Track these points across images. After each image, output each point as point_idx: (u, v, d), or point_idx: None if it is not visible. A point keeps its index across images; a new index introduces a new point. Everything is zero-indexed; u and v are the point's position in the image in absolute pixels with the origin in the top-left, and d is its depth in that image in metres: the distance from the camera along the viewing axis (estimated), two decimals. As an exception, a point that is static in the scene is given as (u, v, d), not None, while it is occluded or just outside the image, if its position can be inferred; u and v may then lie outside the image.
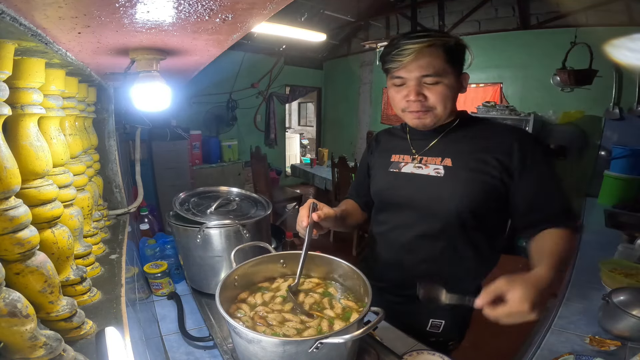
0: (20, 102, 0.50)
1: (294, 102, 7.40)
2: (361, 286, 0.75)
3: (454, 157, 0.91)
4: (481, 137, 0.92)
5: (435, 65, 0.84)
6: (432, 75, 0.85)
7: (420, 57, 0.84)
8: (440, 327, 0.99)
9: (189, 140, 4.35)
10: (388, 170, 1.00)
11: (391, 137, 1.08)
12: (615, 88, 3.01)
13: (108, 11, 0.41)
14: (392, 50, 0.87)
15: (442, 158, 0.93)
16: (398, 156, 1.01)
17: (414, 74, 0.85)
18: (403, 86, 0.89)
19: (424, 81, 0.86)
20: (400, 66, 0.86)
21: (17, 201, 0.43)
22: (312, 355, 0.57)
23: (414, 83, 0.86)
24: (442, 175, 0.91)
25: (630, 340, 0.96)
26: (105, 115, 1.21)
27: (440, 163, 0.92)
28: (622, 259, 1.47)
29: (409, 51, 0.83)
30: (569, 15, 3.14)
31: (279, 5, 0.46)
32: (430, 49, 0.83)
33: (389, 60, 0.88)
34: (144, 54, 0.69)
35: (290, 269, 0.88)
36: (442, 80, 0.86)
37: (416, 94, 0.86)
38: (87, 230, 0.82)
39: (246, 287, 0.82)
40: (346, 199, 1.18)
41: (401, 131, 1.06)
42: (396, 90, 0.91)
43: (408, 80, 0.87)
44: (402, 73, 0.87)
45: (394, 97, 0.93)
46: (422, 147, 0.97)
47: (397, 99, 0.92)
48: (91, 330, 0.54)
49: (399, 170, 0.98)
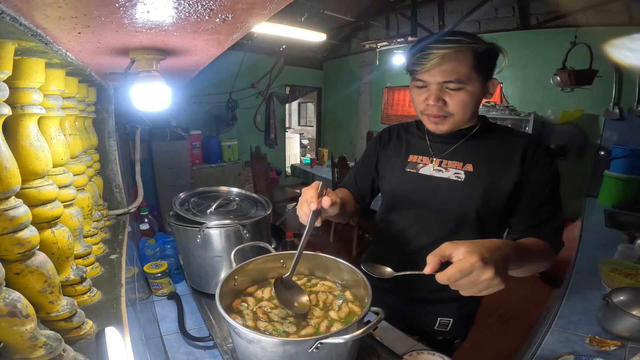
0: (20, 102, 0.50)
1: (294, 102, 7.40)
2: (361, 286, 0.75)
3: (475, 163, 0.91)
4: (501, 145, 0.91)
5: (460, 72, 0.81)
6: (454, 82, 0.82)
7: (445, 62, 0.81)
8: (448, 325, 0.99)
9: (189, 140, 4.35)
10: (405, 170, 0.99)
11: (406, 134, 1.05)
12: (615, 88, 3.01)
13: (108, 11, 0.41)
14: (416, 53, 0.84)
15: (464, 163, 0.92)
16: (416, 157, 0.99)
17: (436, 79, 0.83)
18: (424, 89, 0.87)
19: (446, 86, 0.84)
20: (423, 70, 0.83)
21: (17, 201, 0.43)
22: (312, 355, 0.57)
23: (435, 88, 0.84)
24: (462, 180, 0.90)
25: (630, 340, 0.96)
26: (105, 115, 1.21)
27: (462, 168, 0.92)
28: (622, 259, 1.47)
29: (433, 56, 0.80)
30: (569, 15, 3.14)
31: (279, 5, 0.46)
32: (456, 54, 0.80)
33: (413, 63, 0.85)
34: (144, 54, 0.69)
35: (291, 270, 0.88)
36: (465, 86, 0.83)
37: (436, 99, 0.84)
38: (87, 230, 0.82)
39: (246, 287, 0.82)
40: (340, 187, 1.14)
41: (418, 130, 1.04)
42: (417, 92, 0.90)
43: (429, 84, 0.85)
44: (424, 77, 0.85)
45: (414, 98, 0.92)
46: (441, 151, 0.96)
47: (418, 101, 0.90)
48: (91, 330, 0.54)
49: (416, 171, 0.97)
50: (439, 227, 0.93)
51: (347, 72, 5.85)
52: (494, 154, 0.90)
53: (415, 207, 0.97)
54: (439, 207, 0.93)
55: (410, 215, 0.98)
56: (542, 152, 0.88)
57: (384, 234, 1.05)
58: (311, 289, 0.82)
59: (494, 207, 0.89)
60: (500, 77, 3.65)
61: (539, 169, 0.87)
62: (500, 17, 3.82)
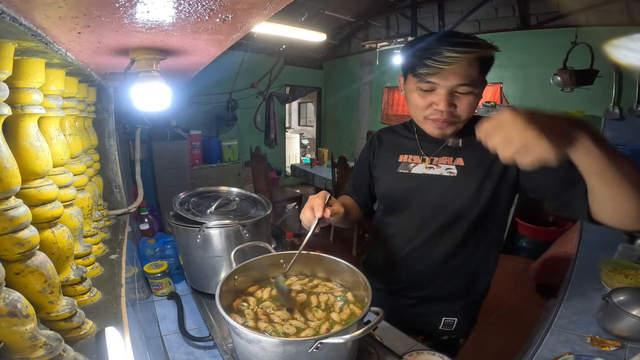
0: (20, 102, 0.50)
1: (294, 102, 7.40)
2: (362, 287, 0.75)
3: (466, 157, 0.90)
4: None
5: (472, 75, 0.78)
6: (467, 85, 0.79)
7: (459, 65, 0.76)
8: (453, 324, 1.00)
9: (189, 140, 4.35)
10: (397, 171, 0.98)
11: (396, 136, 1.05)
12: (615, 88, 3.01)
13: (108, 11, 0.41)
14: (428, 54, 0.77)
15: (454, 158, 0.91)
16: (407, 156, 0.98)
17: (450, 82, 0.78)
18: (431, 92, 0.82)
19: (457, 90, 0.80)
20: (433, 72, 0.78)
21: (17, 201, 0.43)
22: (312, 355, 0.57)
23: (446, 92, 0.79)
24: (455, 174, 0.90)
25: (630, 340, 0.96)
26: (105, 115, 1.21)
27: (453, 163, 0.91)
28: (622, 259, 1.47)
29: (451, 60, 0.75)
30: (569, 15, 3.14)
31: (279, 5, 0.46)
32: (468, 57, 0.76)
33: (422, 64, 0.78)
34: (144, 54, 0.69)
35: (291, 269, 0.88)
36: (474, 90, 0.80)
37: (448, 104, 0.80)
38: (87, 230, 0.82)
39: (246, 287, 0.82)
40: (343, 194, 1.15)
41: (406, 130, 1.03)
42: (421, 95, 0.83)
43: (439, 88, 0.80)
44: (435, 79, 0.79)
45: (416, 102, 0.85)
46: (432, 149, 0.95)
47: (421, 106, 0.84)
48: (91, 330, 0.54)
49: (408, 171, 0.96)
50: (436, 224, 0.93)
51: (347, 72, 5.85)
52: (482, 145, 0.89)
53: (410, 206, 0.97)
54: (434, 204, 0.93)
55: (407, 215, 0.98)
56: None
57: (382, 235, 1.05)
58: (312, 290, 0.82)
59: (490, 197, 0.88)
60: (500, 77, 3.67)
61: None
62: (500, 17, 3.82)
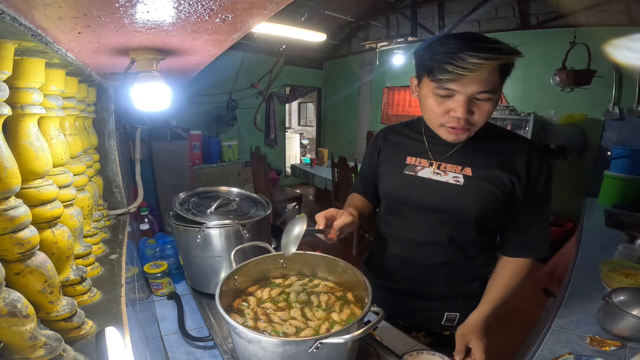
0: (20, 102, 0.50)
1: (294, 102, 7.40)
2: (362, 287, 0.75)
3: (474, 167, 0.90)
4: (501, 149, 0.90)
5: (493, 81, 0.76)
6: (487, 92, 0.76)
7: (481, 72, 0.73)
8: (455, 320, 1.00)
9: (189, 140, 4.35)
10: (403, 172, 0.97)
11: (404, 137, 1.03)
12: (615, 88, 3.01)
13: (108, 11, 0.41)
14: (448, 58, 0.73)
15: (463, 167, 0.91)
16: (414, 159, 0.97)
17: (470, 89, 0.76)
18: (449, 98, 0.79)
19: (476, 97, 0.77)
20: (453, 79, 0.75)
21: (17, 201, 0.43)
22: (312, 355, 0.57)
23: (465, 98, 0.77)
24: (461, 184, 0.90)
25: (630, 340, 0.96)
26: (105, 115, 1.21)
27: (461, 172, 0.91)
28: (622, 259, 1.47)
29: (475, 66, 0.71)
30: (568, 15, 3.14)
31: (279, 5, 0.46)
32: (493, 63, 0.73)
33: (442, 69, 0.75)
34: (144, 54, 0.69)
35: (291, 269, 0.88)
36: (493, 96, 0.78)
37: (467, 112, 0.78)
38: (87, 230, 0.82)
39: (246, 287, 0.82)
40: (352, 192, 1.16)
41: (415, 131, 1.01)
42: (438, 102, 0.81)
43: (458, 94, 0.77)
44: (455, 86, 0.76)
45: (433, 108, 0.82)
46: (441, 153, 0.94)
47: (438, 112, 0.82)
48: (91, 330, 0.54)
49: (414, 173, 0.96)
50: (437, 230, 0.94)
51: (347, 72, 5.85)
52: (493, 158, 0.89)
53: (414, 209, 0.97)
54: (437, 210, 0.93)
55: (409, 217, 0.98)
56: (544, 166, 0.88)
57: (384, 235, 1.05)
58: (313, 290, 0.82)
59: (494, 211, 0.90)
60: (500, 77, 3.45)
61: (538, 184, 0.87)
62: (500, 17, 3.82)
